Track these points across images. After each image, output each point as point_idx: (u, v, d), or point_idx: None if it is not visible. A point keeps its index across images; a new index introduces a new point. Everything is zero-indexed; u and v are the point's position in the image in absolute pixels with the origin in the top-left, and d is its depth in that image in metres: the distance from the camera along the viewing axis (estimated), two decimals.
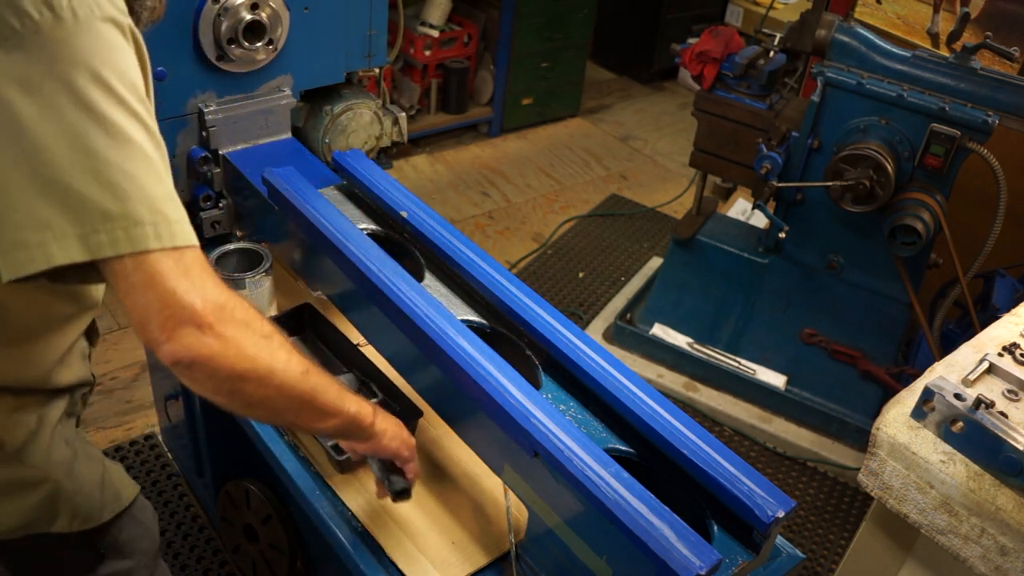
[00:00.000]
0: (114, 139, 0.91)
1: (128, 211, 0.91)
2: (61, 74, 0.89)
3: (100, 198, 0.90)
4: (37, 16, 0.88)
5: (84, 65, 0.90)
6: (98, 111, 0.90)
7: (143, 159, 0.93)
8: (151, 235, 0.92)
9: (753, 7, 5.06)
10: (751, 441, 2.90)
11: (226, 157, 1.85)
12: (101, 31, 0.92)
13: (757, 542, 1.16)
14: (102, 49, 0.92)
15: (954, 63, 2.33)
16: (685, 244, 2.95)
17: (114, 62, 0.93)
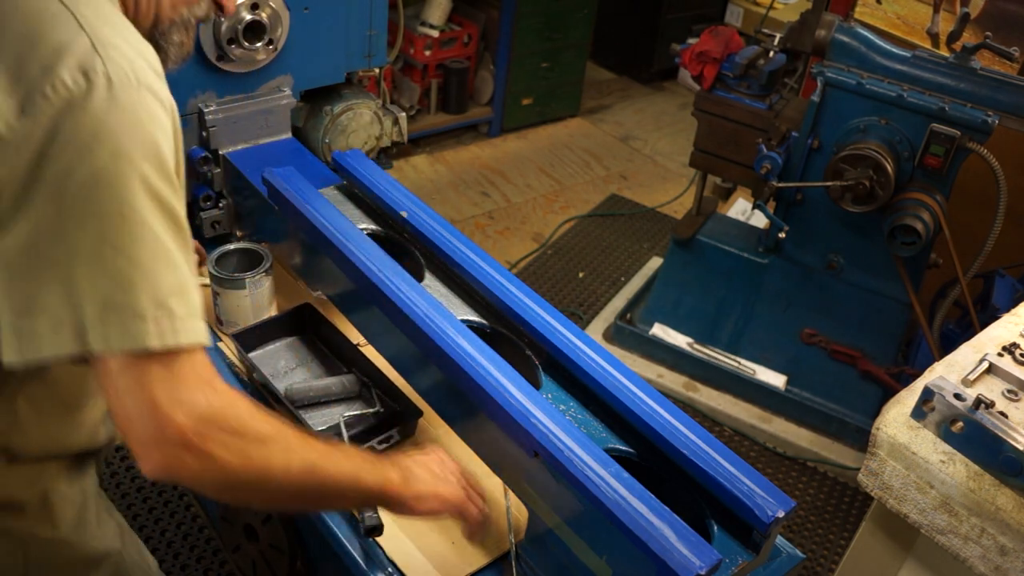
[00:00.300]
0: (129, 224, 0.86)
1: (129, 302, 0.86)
2: (84, 152, 0.85)
3: (102, 286, 0.85)
4: (71, 84, 0.84)
5: (112, 145, 0.85)
6: (117, 195, 0.85)
7: (157, 246, 0.88)
8: (151, 331, 0.87)
9: (753, 7, 5.06)
10: (751, 441, 2.90)
11: (226, 157, 1.85)
12: (136, 103, 0.87)
13: (757, 542, 1.16)
14: (135, 125, 0.87)
15: (954, 63, 2.33)
16: (685, 244, 2.95)
17: (145, 140, 0.88)
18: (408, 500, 1.16)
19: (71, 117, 0.84)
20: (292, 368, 1.67)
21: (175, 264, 0.90)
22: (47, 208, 0.85)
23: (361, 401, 1.60)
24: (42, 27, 0.88)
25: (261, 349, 1.69)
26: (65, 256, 0.85)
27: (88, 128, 0.85)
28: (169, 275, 0.89)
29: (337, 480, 1.06)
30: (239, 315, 1.67)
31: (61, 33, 0.87)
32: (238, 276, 1.65)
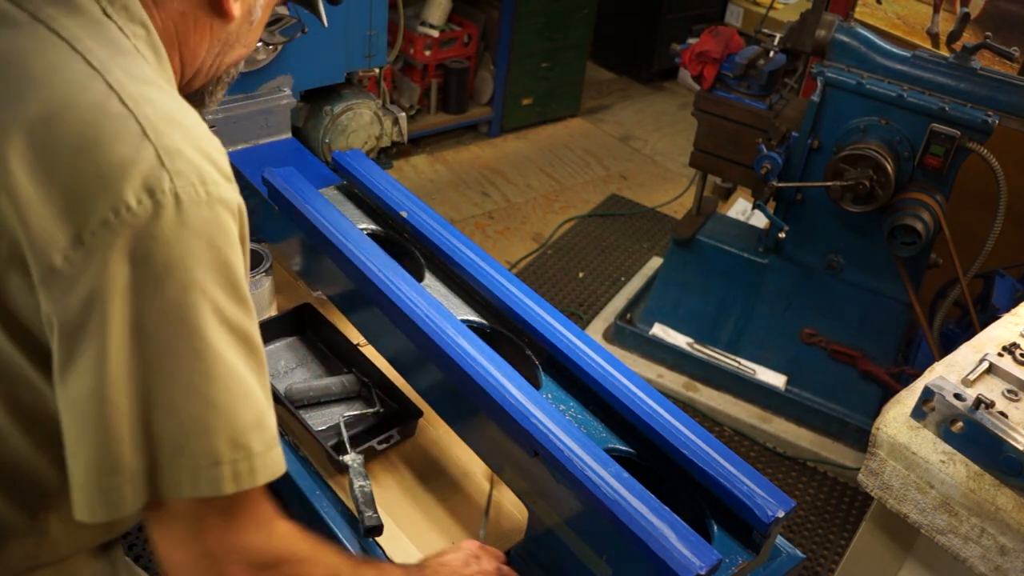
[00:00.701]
0: (204, 362, 0.80)
1: (205, 447, 0.80)
2: (153, 286, 0.76)
3: (177, 433, 0.79)
4: (136, 207, 0.75)
5: (182, 276, 0.77)
6: (190, 331, 0.79)
7: (233, 381, 0.82)
8: (227, 477, 0.81)
9: (753, 7, 5.06)
10: (751, 441, 2.90)
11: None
12: (209, 221, 0.79)
13: (757, 542, 1.16)
14: (207, 248, 0.79)
15: (954, 63, 2.33)
16: (685, 244, 2.95)
17: (217, 262, 0.80)
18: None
19: (138, 246, 0.76)
20: (292, 368, 1.67)
21: (253, 396, 0.84)
22: (113, 350, 0.76)
23: (361, 401, 1.60)
24: (101, 135, 0.78)
25: None
26: (140, 403, 0.78)
27: (157, 259, 0.76)
28: (247, 410, 0.83)
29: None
30: None
31: (124, 144, 0.77)
32: None
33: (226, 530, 0.83)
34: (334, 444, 1.48)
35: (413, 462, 1.51)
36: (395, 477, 1.47)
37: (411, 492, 1.45)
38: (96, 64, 0.82)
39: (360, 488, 1.34)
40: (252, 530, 0.85)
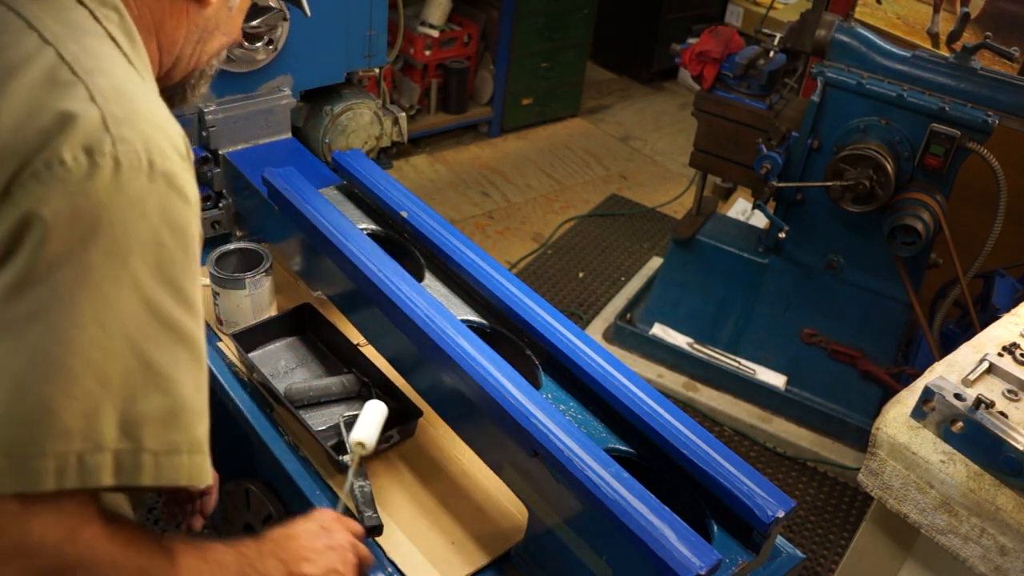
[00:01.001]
0: (109, 336, 0.75)
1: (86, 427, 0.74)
2: (76, 247, 0.72)
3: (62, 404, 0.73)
4: (71, 162, 0.72)
5: (107, 242, 0.73)
6: (102, 301, 0.74)
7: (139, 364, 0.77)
8: (106, 464, 0.75)
9: (753, 7, 5.06)
10: (751, 441, 2.90)
11: (226, 157, 1.85)
12: (146, 194, 0.75)
13: (757, 542, 1.16)
14: (139, 220, 0.75)
15: (954, 63, 2.33)
16: (685, 244, 2.95)
17: (151, 238, 0.76)
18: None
19: (65, 203, 0.72)
20: (292, 368, 1.67)
21: (164, 387, 0.78)
22: (22, 304, 0.72)
23: (361, 401, 1.60)
24: (47, 98, 0.76)
25: (261, 349, 1.69)
26: (37, 367, 0.72)
27: (84, 219, 0.72)
28: (149, 401, 0.77)
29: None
30: (239, 315, 1.67)
31: (69, 105, 0.75)
32: (238, 276, 1.65)
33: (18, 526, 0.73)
34: (334, 444, 1.48)
35: (413, 462, 1.50)
36: (395, 477, 1.47)
37: (411, 492, 1.45)
38: (50, 38, 0.80)
39: (360, 488, 1.34)
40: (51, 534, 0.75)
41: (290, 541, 1.05)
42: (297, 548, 1.04)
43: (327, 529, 1.11)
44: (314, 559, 1.05)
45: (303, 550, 1.05)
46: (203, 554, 0.91)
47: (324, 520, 1.12)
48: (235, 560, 0.95)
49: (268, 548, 1.02)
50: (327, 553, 1.07)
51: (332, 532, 1.11)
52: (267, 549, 1.01)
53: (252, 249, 1.73)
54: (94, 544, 0.77)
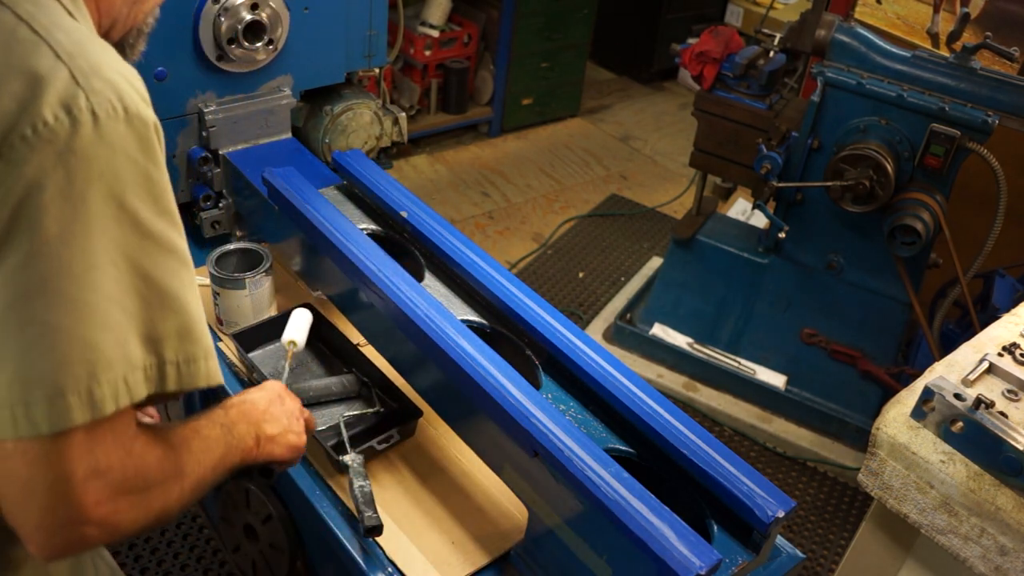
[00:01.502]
0: (120, 271, 0.82)
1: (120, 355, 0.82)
2: (77, 202, 0.79)
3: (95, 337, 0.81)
4: (53, 122, 0.78)
5: (103, 188, 0.80)
6: (109, 241, 0.81)
7: (152, 290, 0.85)
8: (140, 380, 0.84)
9: (753, 7, 5.06)
10: (751, 441, 2.90)
11: (226, 157, 1.85)
12: (125, 137, 0.82)
13: (757, 542, 1.16)
14: (126, 162, 0.82)
15: (954, 63, 2.33)
16: (685, 244, 2.95)
17: (139, 176, 0.83)
18: (260, 459, 1.19)
19: (57, 162, 0.78)
20: (292, 368, 1.67)
21: (175, 306, 0.87)
22: (41, 257, 0.78)
23: (361, 401, 1.60)
24: (12, 59, 0.80)
25: (261, 349, 1.69)
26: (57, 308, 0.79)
27: (78, 174, 0.79)
28: (166, 320, 0.86)
29: (212, 480, 1.05)
30: (239, 315, 1.67)
31: (37, 65, 0.80)
32: (238, 276, 1.65)
33: (87, 456, 0.82)
34: (334, 444, 1.48)
35: (413, 462, 1.51)
36: (395, 477, 1.47)
37: (411, 492, 1.45)
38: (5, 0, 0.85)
39: (360, 488, 1.34)
40: (113, 453, 0.84)
41: (250, 406, 1.20)
42: (258, 413, 1.20)
43: (280, 397, 1.26)
44: (273, 420, 1.21)
45: (264, 414, 1.20)
46: (200, 434, 1.04)
47: (277, 389, 1.28)
48: (220, 433, 1.08)
49: (235, 415, 1.15)
50: (283, 416, 1.23)
51: (284, 399, 1.27)
52: (234, 416, 1.15)
53: (252, 249, 1.73)
54: (143, 453, 0.89)
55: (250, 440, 1.15)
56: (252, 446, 1.15)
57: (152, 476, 0.90)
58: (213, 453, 1.05)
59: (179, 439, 0.98)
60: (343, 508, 1.40)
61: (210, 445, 1.05)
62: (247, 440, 1.14)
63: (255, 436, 1.16)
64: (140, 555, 2.30)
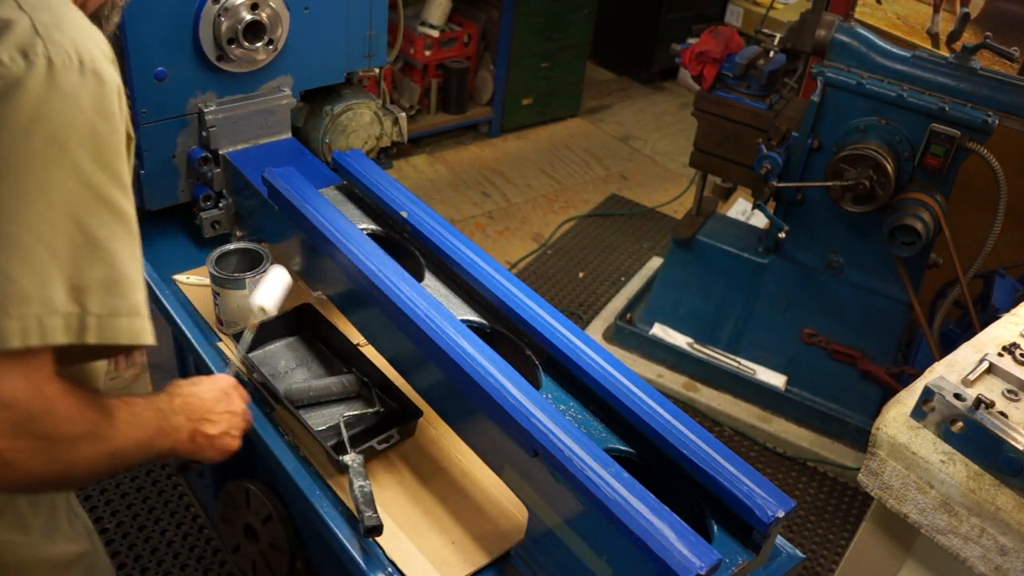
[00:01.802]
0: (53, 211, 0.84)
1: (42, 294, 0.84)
2: (20, 135, 0.82)
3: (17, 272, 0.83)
4: (8, 63, 0.82)
5: (48, 130, 0.83)
6: (44, 181, 0.83)
7: (83, 238, 0.87)
8: (59, 326, 0.85)
9: (753, 7, 5.07)
10: (751, 441, 2.90)
11: (226, 157, 1.85)
12: (79, 88, 0.85)
13: (757, 542, 1.16)
14: (75, 111, 0.85)
15: (954, 63, 2.33)
16: (685, 244, 2.95)
17: (86, 127, 0.85)
18: (190, 455, 1.19)
19: (7, 98, 0.82)
20: (292, 368, 1.67)
21: (107, 259, 0.89)
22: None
23: (361, 401, 1.60)
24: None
25: (261, 349, 1.69)
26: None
27: (24, 110, 0.82)
28: (93, 270, 0.88)
29: (133, 458, 1.06)
30: (239, 315, 1.67)
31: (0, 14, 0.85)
32: (238, 276, 1.65)
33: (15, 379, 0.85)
34: (334, 444, 1.48)
35: (413, 462, 1.51)
36: (395, 477, 1.47)
37: (411, 492, 1.45)
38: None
39: (360, 488, 1.34)
40: (19, 390, 0.86)
41: (196, 400, 1.19)
42: (201, 407, 1.19)
43: (227, 395, 1.26)
44: (214, 420, 1.21)
45: (206, 412, 1.20)
46: (132, 410, 1.04)
47: (225, 386, 1.27)
48: (154, 416, 1.09)
49: (177, 404, 1.16)
50: (225, 416, 1.23)
51: (231, 398, 1.27)
52: (176, 405, 1.15)
53: (252, 249, 1.73)
54: (55, 399, 0.89)
55: (184, 434, 1.15)
56: (185, 440, 1.15)
57: (62, 428, 0.90)
58: (140, 431, 1.05)
59: (106, 405, 0.98)
60: (343, 508, 1.40)
61: (139, 423, 1.04)
62: (181, 433, 1.14)
63: (191, 432, 1.16)
64: (140, 555, 2.30)
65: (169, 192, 1.85)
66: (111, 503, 2.43)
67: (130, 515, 2.40)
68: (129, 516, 2.40)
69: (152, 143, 1.74)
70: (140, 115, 1.71)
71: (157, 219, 1.92)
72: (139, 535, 2.35)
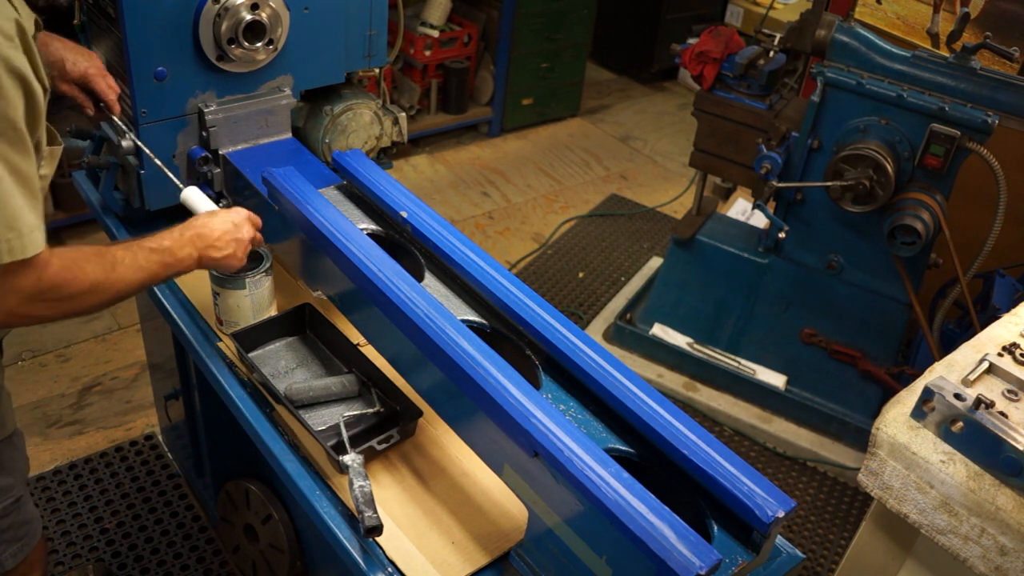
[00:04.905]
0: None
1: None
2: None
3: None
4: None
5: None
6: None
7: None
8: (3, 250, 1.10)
9: (753, 7, 5.07)
10: (751, 441, 2.90)
11: (226, 157, 1.85)
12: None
13: (757, 542, 1.16)
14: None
15: (954, 63, 2.33)
16: (685, 244, 2.95)
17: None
18: (201, 266, 1.46)
19: None
20: (292, 368, 1.67)
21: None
22: None
23: (361, 401, 1.60)
24: None
25: (261, 349, 1.69)
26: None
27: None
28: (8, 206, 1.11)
29: (141, 289, 1.36)
30: (239, 315, 1.67)
31: None
32: (238, 276, 1.65)
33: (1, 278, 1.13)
34: (334, 444, 1.48)
35: (413, 462, 1.51)
36: (395, 477, 1.47)
37: (411, 492, 1.45)
38: None
39: (360, 488, 1.34)
40: (24, 275, 1.15)
41: (206, 230, 1.45)
42: (210, 236, 1.45)
43: (237, 225, 1.50)
44: (220, 248, 1.47)
45: (215, 240, 1.46)
46: (136, 257, 1.33)
47: (236, 218, 1.52)
48: (160, 256, 1.37)
49: (188, 237, 1.43)
50: (231, 243, 1.48)
51: (240, 228, 1.51)
52: (187, 238, 1.42)
53: (252, 249, 1.73)
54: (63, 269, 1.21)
55: (191, 261, 1.42)
56: (192, 264, 1.43)
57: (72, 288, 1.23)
58: (144, 273, 1.33)
59: (109, 258, 1.28)
60: (343, 508, 1.40)
61: (143, 266, 1.33)
62: (188, 261, 1.41)
63: (197, 257, 1.43)
64: (141, 555, 2.30)
65: (169, 192, 1.84)
66: (111, 503, 2.43)
67: (131, 515, 2.40)
68: (130, 516, 2.40)
69: (152, 143, 1.74)
70: (140, 115, 1.72)
71: (157, 219, 1.93)
72: (140, 535, 2.35)
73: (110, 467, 2.53)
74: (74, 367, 2.89)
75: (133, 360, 2.92)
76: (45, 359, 2.91)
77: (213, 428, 2.04)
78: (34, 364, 2.88)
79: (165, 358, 2.18)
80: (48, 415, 2.71)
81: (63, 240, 3.37)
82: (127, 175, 1.86)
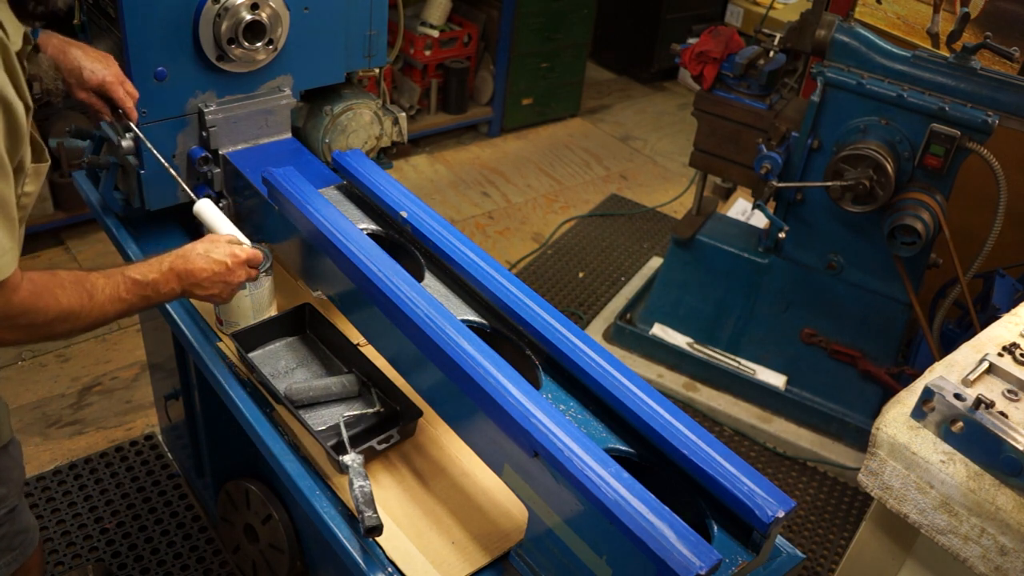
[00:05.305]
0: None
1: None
2: None
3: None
4: None
5: None
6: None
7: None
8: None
9: (753, 7, 5.06)
10: (751, 441, 2.90)
11: (226, 157, 1.85)
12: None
13: (757, 542, 1.16)
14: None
15: (954, 63, 2.33)
16: (685, 244, 2.95)
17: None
18: (183, 296, 1.43)
19: None
20: (292, 368, 1.67)
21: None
22: None
23: (361, 401, 1.60)
24: None
25: (261, 349, 1.69)
26: None
27: None
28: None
29: (116, 319, 1.32)
30: (239, 315, 1.67)
31: None
32: None
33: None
34: (334, 444, 1.48)
35: (413, 462, 1.51)
36: (395, 477, 1.47)
37: (411, 492, 1.45)
38: None
39: (360, 488, 1.34)
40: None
41: (195, 268, 1.40)
42: (199, 276, 1.40)
43: (231, 269, 1.44)
44: (207, 287, 1.42)
45: (203, 279, 1.41)
46: (116, 288, 1.29)
47: (234, 262, 1.45)
48: (141, 289, 1.33)
49: (177, 272, 1.38)
50: (219, 284, 1.43)
51: (234, 272, 1.45)
52: (176, 273, 1.38)
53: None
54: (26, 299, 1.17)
55: (173, 296, 1.39)
56: (173, 298, 1.41)
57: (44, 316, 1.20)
58: (122, 304, 1.30)
59: (87, 287, 1.24)
60: (343, 508, 1.40)
61: (121, 298, 1.29)
62: (172, 295, 1.38)
63: (181, 292, 1.40)
64: (141, 555, 2.30)
65: (169, 192, 1.84)
66: (111, 503, 2.43)
67: (131, 515, 2.40)
68: (130, 516, 2.40)
69: (152, 143, 1.74)
70: (140, 115, 1.72)
71: (157, 219, 1.92)
72: (140, 535, 2.35)
73: (110, 467, 2.53)
74: (74, 367, 2.89)
75: (133, 360, 2.92)
76: (45, 359, 2.91)
77: (213, 428, 2.04)
78: (34, 364, 2.88)
79: (165, 358, 2.18)
80: (48, 415, 2.71)
81: (63, 240, 3.37)
82: (127, 175, 1.86)
